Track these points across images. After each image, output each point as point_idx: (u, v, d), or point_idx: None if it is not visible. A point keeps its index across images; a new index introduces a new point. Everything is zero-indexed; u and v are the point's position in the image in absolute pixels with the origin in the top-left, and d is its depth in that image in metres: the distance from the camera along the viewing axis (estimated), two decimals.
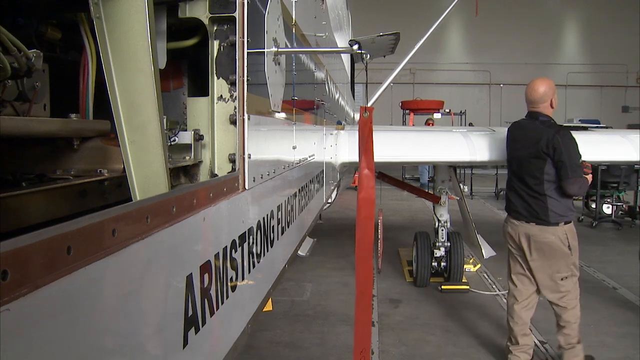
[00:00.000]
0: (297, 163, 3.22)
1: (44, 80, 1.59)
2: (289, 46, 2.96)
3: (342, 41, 9.31)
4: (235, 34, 2.02)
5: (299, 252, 6.02)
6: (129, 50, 1.51)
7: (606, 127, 18.81)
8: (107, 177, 1.66)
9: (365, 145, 2.77)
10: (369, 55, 2.86)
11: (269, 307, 5.50)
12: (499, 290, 8.76)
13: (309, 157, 3.79)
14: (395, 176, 11.76)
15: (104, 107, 1.62)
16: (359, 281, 2.88)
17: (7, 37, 1.38)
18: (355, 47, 2.51)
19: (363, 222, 2.85)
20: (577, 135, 5.63)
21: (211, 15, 2.05)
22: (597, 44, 35.34)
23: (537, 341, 6.78)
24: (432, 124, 21.07)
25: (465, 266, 9.51)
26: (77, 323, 0.93)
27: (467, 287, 8.81)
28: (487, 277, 9.62)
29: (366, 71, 9.29)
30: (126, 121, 1.51)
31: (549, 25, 36.01)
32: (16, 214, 1.21)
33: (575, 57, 36.64)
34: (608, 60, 35.09)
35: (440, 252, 9.04)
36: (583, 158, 5.58)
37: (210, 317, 1.61)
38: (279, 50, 2.50)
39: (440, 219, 9.21)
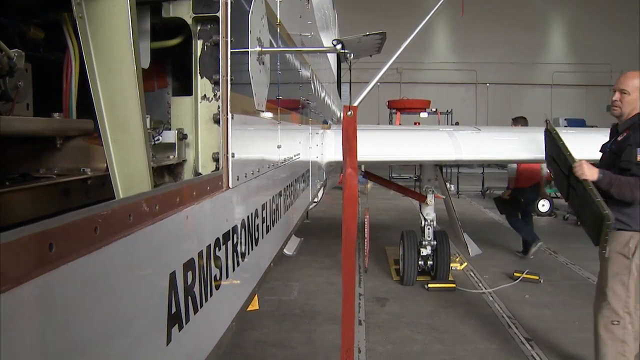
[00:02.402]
0: (282, 162, 3.23)
1: (27, 79, 1.60)
2: (274, 46, 2.97)
3: (328, 41, 9.31)
4: (219, 34, 2.03)
5: (285, 251, 6.04)
6: (112, 50, 1.53)
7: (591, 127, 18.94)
8: (90, 176, 1.67)
9: (350, 144, 2.79)
10: (352, 55, 2.88)
11: (255, 306, 5.50)
12: (485, 289, 8.82)
13: (294, 156, 3.80)
14: (382, 175, 11.81)
15: (87, 106, 1.63)
16: (346, 280, 2.90)
17: None
18: (339, 46, 2.53)
19: (347, 222, 2.87)
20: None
21: (195, 15, 2.07)
22: (582, 44, 35.57)
23: (522, 338, 6.84)
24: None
25: (451, 265, 9.55)
26: (59, 319, 0.94)
27: (454, 285, 8.86)
28: (473, 275, 9.68)
29: (350, 70, 9.24)
30: (109, 120, 1.52)
31: (534, 25, 36.21)
32: (3, 210, 1.22)
33: (560, 57, 36.87)
34: (593, 60, 35.32)
35: (426, 251, 9.08)
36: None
37: (194, 314, 1.63)
38: (263, 49, 2.51)
39: (426, 217, 9.26)
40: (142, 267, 1.28)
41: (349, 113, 2.74)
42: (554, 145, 5.72)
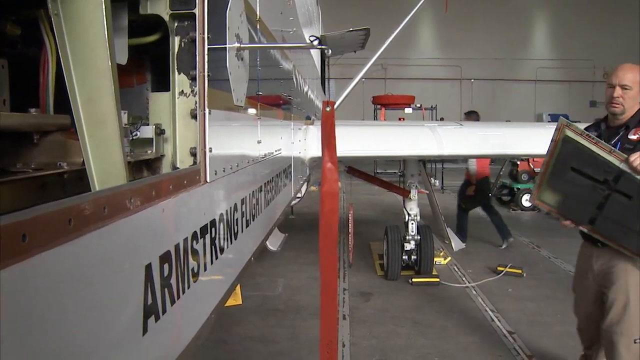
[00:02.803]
0: (263, 157, 3.26)
1: (4, 75, 1.62)
2: (254, 42, 2.99)
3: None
4: (196, 31, 2.06)
5: (270, 247, 6.07)
6: (87, 47, 1.55)
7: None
8: (67, 170, 1.69)
9: (328, 139, 2.82)
10: (330, 51, 2.88)
11: (238, 301, 5.50)
12: (469, 283, 8.89)
13: (276, 151, 3.83)
14: (366, 171, 11.84)
15: (63, 102, 1.65)
16: (324, 274, 2.93)
17: None
18: (316, 42, 2.56)
19: (327, 215, 2.90)
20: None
21: (172, 11, 2.09)
22: (565, 40, 35.84)
23: (505, 331, 6.91)
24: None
25: (435, 259, 9.62)
26: (33, 309, 0.97)
27: (438, 279, 8.92)
28: (457, 269, 9.75)
29: (328, 66, 9.36)
30: (85, 116, 1.55)
31: (518, 21, 36.45)
32: None
33: (544, 53, 37.14)
34: (576, 56, 35.64)
35: (410, 246, 9.14)
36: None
37: (171, 306, 1.65)
38: (242, 46, 2.54)
39: (410, 212, 9.32)
40: (117, 258, 1.31)
41: (327, 108, 2.77)
42: (579, 153, 4.46)
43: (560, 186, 4.61)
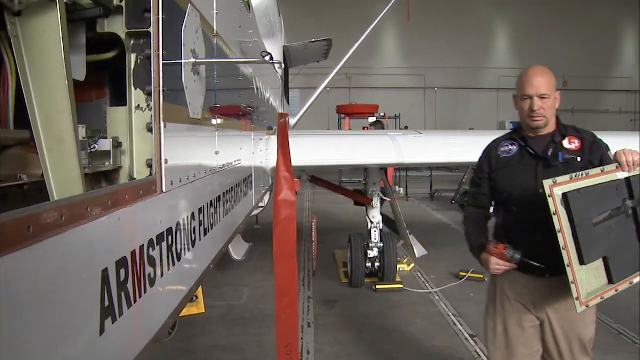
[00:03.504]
0: (221, 168, 3.36)
1: None
2: (211, 57, 3.10)
3: (273, 47, 9.45)
4: (151, 48, 2.16)
5: (234, 257, 6.14)
6: (45, 66, 1.65)
7: None
8: (27, 182, 1.78)
9: (283, 149, 2.94)
10: (282, 65, 2.96)
11: (201, 309, 5.60)
12: (432, 288, 9.06)
13: (235, 162, 3.93)
14: (332, 180, 11.98)
15: (23, 117, 1.75)
16: (280, 279, 3.04)
17: None
18: (267, 57, 2.68)
19: (283, 223, 3.02)
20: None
21: (128, 30, 2.20)
22: (526, 49, 36.44)
23: (467, 335, 7.08)
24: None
25: (399, 266, 9.77)
26: None
27: (401, 286, 9.07)
28: (420, 275, 9.92)
29: (284, 79, 9.46)
30: (44, 131, 1.65)
31: (480, 30, 37.01)
32: None
33: (505, 61, 37.71)
34: (537, 64, 36.21)
35: (373, 253, 9.28)
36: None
37: (128, 308, 1.75)
38: (197, 61, 2.64)
39: (372, 220, 9.47)
40: (74, 263, 1.41)
41: (282, 120, 2.89)
42: (588, 199, 3.57)
43: (595, 255, 3.55)
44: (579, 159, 3.83)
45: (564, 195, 3.43)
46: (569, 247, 3.39)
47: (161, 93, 2.16)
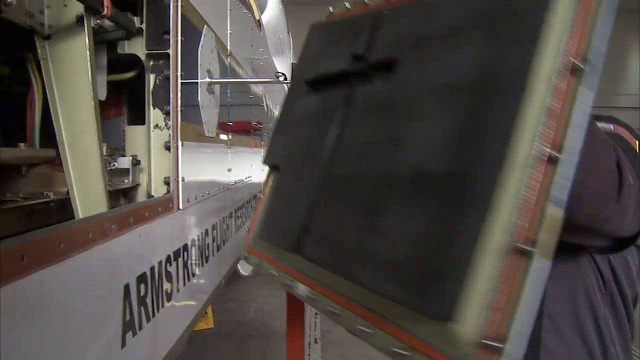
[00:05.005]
0: (233, 184, 3.42)
1: None
2: (225, 76, 3.17)
3: (283, 65, 9.55)
4: (169, 69, 2.23)
5: (242, 272, 6.19)
6: (72, 87, 1.72)
7: None
8: (52, 199, 1.85)
9: None
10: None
11: (210, 324, 5.60)
12: None
13: (246, 178, 3.99)
14: None
15: (49, 136, 1.81)
16: (291, 298, 3.08)
17: None
18: (282, 78, 2.75)
19: None
20: None
21: (147, 51, 2.27)
22: None
23: None
24: None
25: None
26: (29, 318, 1.12)
27: None
28: None
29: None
30: (69, 149, 1.71)
31: None
32: None
33: None
34: None
35: None
36: None
37: (147, 322, 1.80)
38: (212, 81, 2.71)
39: None
40: (99, 278, 1.46)
41: None
42: None
43: None
44: None
45: None
46: None
47: (179, 112, 2.22)
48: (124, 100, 2.70)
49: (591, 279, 1.83)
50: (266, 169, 1.83)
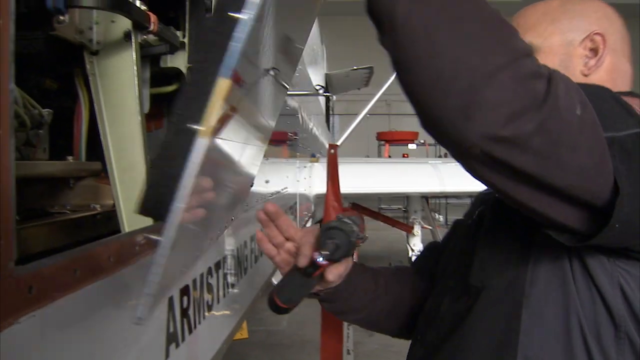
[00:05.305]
0: (270, 196, 3.44)
1: (46, 127, 1.83)
2: None
3: (316, 75, 9.58)
4: None
5: (274, 281, 6.21)
6: (119, 101, 1.75)
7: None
8: (99, 212, 1.88)
9: (331, 179, 3.00)
10: (335, 97, 3.02)
11: (244, 334, 5.64)
12: None
13: (282, 189, 4.01)
14: (371, 206, 11.98)
15: (94, 149, 1.85)
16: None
17: (27, 100, 1.67)
18: (321, 90, 2.76)
19: None
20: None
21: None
22: None
23: None
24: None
25: None
26: (79, 329, 1.15)
27: None
28: None
29: (326, 106, 9.56)
30: (116, 162, 1.74)
31: None
32: (25, 242, 1.43)
33: None
34: None
35: None
36: None
37: (189, 334, 1.82)
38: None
39: (413, 248, 9.44)
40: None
41: (332, 151, 2.96)
42: None
43: None
44: None
45: None
46: None
47: None
48: (164, 113, 2.73)
49: (591, 314, 1.14)
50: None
